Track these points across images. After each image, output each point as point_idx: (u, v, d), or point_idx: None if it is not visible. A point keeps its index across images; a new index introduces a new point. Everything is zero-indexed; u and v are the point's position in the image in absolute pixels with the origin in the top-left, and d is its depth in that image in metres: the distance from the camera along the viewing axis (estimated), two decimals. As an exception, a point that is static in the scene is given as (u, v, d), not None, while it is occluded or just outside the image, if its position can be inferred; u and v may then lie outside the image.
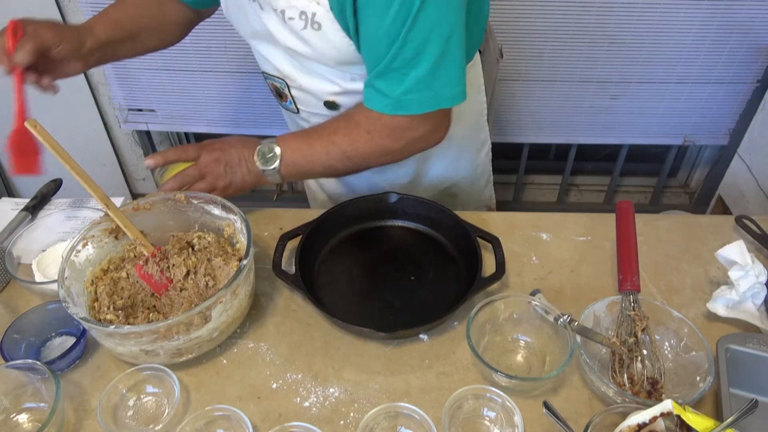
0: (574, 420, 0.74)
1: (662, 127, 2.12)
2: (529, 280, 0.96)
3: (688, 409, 0.65)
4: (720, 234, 1.04)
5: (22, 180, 2.39)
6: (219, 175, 0.95)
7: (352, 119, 0.93)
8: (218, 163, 0.94)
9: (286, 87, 1.02)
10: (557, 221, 1.07)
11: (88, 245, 0.87)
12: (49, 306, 0.85)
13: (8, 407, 0.77)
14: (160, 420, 0.75)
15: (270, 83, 1.06)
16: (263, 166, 0.94)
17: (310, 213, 1.03)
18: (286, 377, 0.81)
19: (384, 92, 0.86)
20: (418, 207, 1.02)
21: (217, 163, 0.94)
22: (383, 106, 0.88)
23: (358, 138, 0.92)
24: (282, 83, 1.02)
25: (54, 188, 1.13)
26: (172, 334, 0.76)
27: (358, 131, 0.92)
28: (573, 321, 0.79)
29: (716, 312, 0.87)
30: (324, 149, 0.94)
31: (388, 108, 0.87)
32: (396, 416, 0.74)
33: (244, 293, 0.83)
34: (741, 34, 1.87)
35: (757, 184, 1.92)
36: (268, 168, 0.94)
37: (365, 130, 0.91)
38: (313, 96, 1.00)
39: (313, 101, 1.01)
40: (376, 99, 0.88)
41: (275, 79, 1.02)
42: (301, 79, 0.98)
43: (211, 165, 0.94)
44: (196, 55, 1.98)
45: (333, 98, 0.99)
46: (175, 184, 0.93)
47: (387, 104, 0.87)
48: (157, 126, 2.20)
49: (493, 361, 0.80)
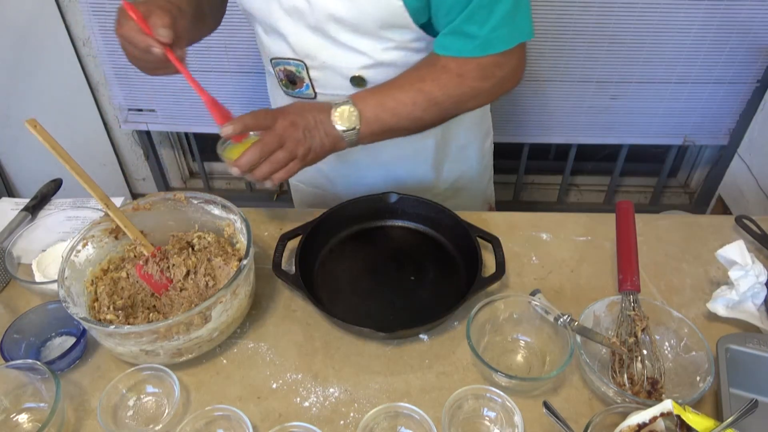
0: (574, 420, 0.74)
1: (662, 127, 2.12)
2: (529, 280, 0.96)
3: (688, 409, 0.65)
4: (720, 234, 1.04)
5: (22, 180, 2.39)
6: (299, 140, 0.85)
7: (437, 64, 0.91)
8: (296, 128, 0.85)
9: (304, 69, 0.98)
10: (557, 221, 1.07)
11: (88, 245, 0.87)
12: (49, 306, 0.86)
13: (8, 407, 0.77)
14: (160, 420, 0.75)
15: (281, 69, 1.01)
16: (343, 126, 0.88)
17: (310, 213, 1.03)
18: (286, 377, 0.81)
19: (471, 34, 0.85)
20: (418, 207, 1.02)
21: (295, 128, 0.85)
22: (472, 49, 0.87)
23: (449, 82, 0.90)
24: (299, 65, 0.97)
25: (54, 188, 1.13)
26: (172, 334, 0.76)
27: (447, 75, 0.90)
28: (573, 321, 0.79)
29: (716, 312, 0.87)
30: (410, 99, 0.90)
31: (477, 50, 0.87)
32: (396, 416, 0.74)
33: (244, 293, 0.83)
34: (741, 34, 1.86)
35: (757, 184, 1.92)
36: (349, 128, 0.88)
37: (455, 73, 0.90)
38: (338, 73, 0.97)
39: (337, 80, 0.98)
40: (461, 44, 0.87)
41: (290, 62, 0.98)
42: (326, 54, 0.94)
43: (290, 130, 0.85)
44: (196, 55, 1.98)
45: (361, 72, 0.96)
46: (255, 155, 0.82)
47: (476, 46, 0.87)
48: (157, 126, 2.20)
49: (493, 361, 0.80)
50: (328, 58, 0.95)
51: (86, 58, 2.04)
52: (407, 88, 0.91)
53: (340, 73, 0.97)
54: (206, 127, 2.19)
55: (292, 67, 0.99)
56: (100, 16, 1.90)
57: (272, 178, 0.85)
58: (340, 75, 0.97)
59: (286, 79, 1.03)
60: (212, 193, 0.94)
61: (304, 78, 1.00)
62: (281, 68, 1.01)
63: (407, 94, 0.90)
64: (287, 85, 1.04)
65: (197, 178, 2.57)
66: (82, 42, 2.01)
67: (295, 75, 1.00)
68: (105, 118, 2.21)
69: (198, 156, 2.40)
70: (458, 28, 0.86)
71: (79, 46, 2.02)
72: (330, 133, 0.88)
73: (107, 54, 2.00)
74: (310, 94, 1.02)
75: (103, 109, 2.19)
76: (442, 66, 0.90)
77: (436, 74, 0.90)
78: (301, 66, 0.98)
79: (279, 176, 0.85)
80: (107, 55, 2.00)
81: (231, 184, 2.57)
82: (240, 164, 0.82)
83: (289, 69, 1.00)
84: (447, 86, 0.90)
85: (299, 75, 1.00)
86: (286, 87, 1.05)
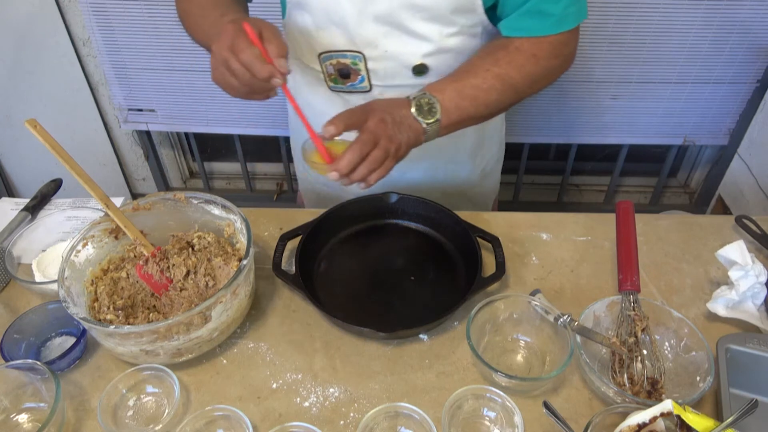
0: (574, 420, 0.74)
1: (662, 127, 2.12)
2: (529, 280, 0.96)
3: (688, 409, 0.65)
4: (720, 234, 1.04)
5: (22, 180, 2.39)
6: (391, 137, 0.83)
7: (509, 47, 0.92)
8: (386, 124, 0.83)
9: (361, 60, 0.95)
10: (557, 221, 1.07)
11: (88, 245, 0.87)
12: (49, 306, 0.86)
13: (8, 407, 0.77)
14: (160, 420, 0.75)
15: (332, 63, 0.98)
16: (425, 119, 0.86)
17: (310, 213, 1.03)
18: (286, 377, 0.81)
19: (547, 12, 0.88)
20: (418, 207, 1.02)
21: (385, 125, 0.82)
22: (546, 27, 0.89)
23: (525, 63, 0.91)
24: (356, 57, 0.95)
25: (54, 188, 1.13)
26: (172, 334, 0.76)
27: (522, 56, 0.91)
28: (573, 321, 0.79)
29: (716, 312, 0.87)
30: (487, 84, 0.89)
31: (551, 27, 0.89)
32: (396, 416, 0.74)
33: (244, 293, 0.83)
34: (741, 34, 1.87)
35: (757, 184, 1.92)
36: (431, 121, 0.86)
37: (530, 53, 0.91)
38: (399, 62, 0.95)
39: (399, 69, 0.96)
40: (536, 23, 0.89)
41: (345, 54, 0.95)
42: (390, 43, 0.93)
43: (381, 127, 0.82)
44: (196, 55, 1.98)
45: (425, 60, 0.95)
46: (355, 155, 0.79)
47: (550, 24, 0.89)
48: (157, 126, 2.20)
49: (493, 361, 0.80)
50: (392, 46, 0.93)
51: (86, 58, 2.05)
52: (482, 73, 0.90)
53: (403, 62, 0.95)
54: (206, 127, 2.19)
55: (347, 59, 0.96)
56: (100, 16, 1.90)
57: (368, 179, 0.81)
58: (401, 64, 0.96)
59: (336, 74, 1.00)
60: (212, 193, 0.94)
61: (359, 70, 0.97)
62: (333, 62, 0.98)
63: (484, 80, 0.90)
64: (336, 80, 1.01)
65: (197, 178, 2.57)
66: (82, 42, 2.01)
67: (350, 68, 0.98)
68: (105, 118, 2.22)
69: (198, 156, 2.40)
70: (535, 6, 0.88)
71: (79, 46, 2.02)
72: (413, 127, 0.86)
73: (107, 54, 2.00)
74: (364, 87, 1.00)
75: (103, 109, 2.19)
76: (515, 48, 0.91)
77: (510, 56, 0.91)
78: (359, 57, 0.95)
79: (375, 176, 0.82)
80: (107, 55, 2.00)
81: (231, 184, 2.57)
82: (341, 167, 0.78)
83: (343, 62, 0.97)
84: (523, 67, 0.91)
85: (354, 67, 0.97)
86: (335, 82, 1.01)
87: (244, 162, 2.41)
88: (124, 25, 1.92)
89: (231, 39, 0.76)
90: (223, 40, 0.76)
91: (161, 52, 1.99)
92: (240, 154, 2.37)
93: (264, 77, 0.75)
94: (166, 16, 1.89)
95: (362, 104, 0.85)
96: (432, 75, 0.97)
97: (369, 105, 0.85)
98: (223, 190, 2.55)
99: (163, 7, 1.87)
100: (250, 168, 2.50)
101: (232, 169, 2.55)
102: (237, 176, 2.55)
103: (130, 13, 1.89)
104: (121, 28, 1.93)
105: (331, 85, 1.02)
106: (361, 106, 0.84)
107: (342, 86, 1.01)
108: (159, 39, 1.95)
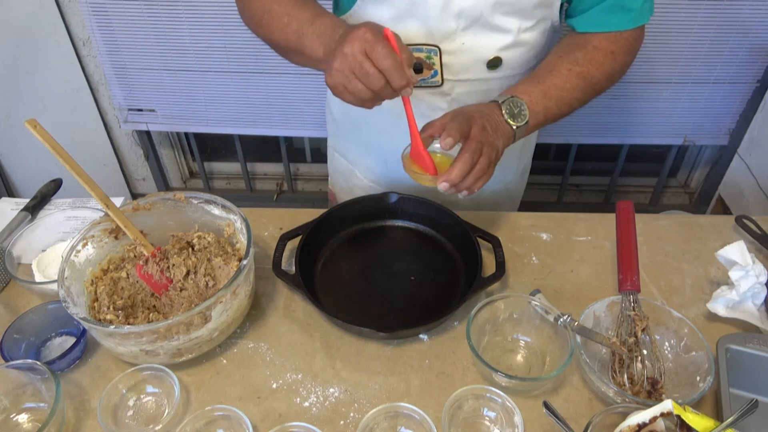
0: (574, 420, 0.74)
1: (662, 127, 2.12)
2: (529, 280, 0.96)
3: (688, 409, 0.65)
4: (720, 234, 1.04)
5: (22, 180, 2.39)
6: (492, 144, 0.83)
7: (586, 46, 0.93)
8: (487, 132, 0.83)
9: (437, 54, 0.94)
10: (557, 221, 1.07)
11: (88, 245, 0.87)
12: (49, 306, 0.85)
13: (8, 407, 0.77)
14: (160, 420, 0.75)
15: None
16: (515, 123, 0.87)
17: (310, 213, 1.03)
18: (286, 377, 0.81)
19: (629, 7, 0.89)
20: (418, 207, 1.02)
21: (486, 132, 0.83)
22: (627, 21, 0.91)
23: (604, 60, 0.93)
24: (432, 50, 0.94)
25: (54, 188, 1.13)
26: (172, 334, 0.76)
27: (600, 54, 0.93)
28: (573, 321, 0.79)
29: (716, 312, 0.87)
30: (571, 84, 0.91)
31: (631, 22, 0.91)
32: (396, 416, 0.74)
33: (244, 293, 0.83)
34: (741, 34, 1.86)
35: (757, 184, 1.92)
36: (521, 124, 0.87)
37: (608, 50, 0.93)
38: (475, 56, 0.95)
39: (473, 63, 0.96)
40: (617, 18, 0.91)
41: (422, 48, 0.94)
42: (468, 37, 0.92)
43: (484, 135, 0.82)
44: (196, 55, 1.98)
45: (500, 54, 0.95)
46: (466, 166, 0.79)
47: (630, 18, 0.91)
48: (157, 126, 2.20)
49: (493, 361, 0.80)
50: (469, 39, 0.93)
51: (86, 58, 2.05)
52: (565, 73, 0.91)
53: (479, 55, 0.95)
54: (206, 127, 2.19)
55: (422, 53, 0.95)
56: (100, 16, 1.90)
57: (473, 187, 0.81)
58: (476, 58, 0.95)
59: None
60: (212, 193, 0.94)
61: (434, 64, 0.96)
62: None
63: (567, 79, 0.91)
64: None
65: (197, 178, 2.57)
66: (82, 42, 2.01)
67: (423, 62, 0.96)
68: (105, 118, 2.21)
69: (198, 156, 2.40)
70: (617, 2, 0.89)
71: (79, 46, 2.02)
72: (506, 132, 0.87)
73: (107, 54, 2.00)
74: (436, 81, 0.98)
75: (103, 109, 2.19)
76: (594, 46, 0.93)
77: (589, 55, 0.93)
78: (434, 51, 0.94)
79: (481, 183, 0.82)
80: (107, 55, 2.00)
81: (231, 184, 2.57)
82: (453, 178, 0.79)
83: (417, 56, 0.95)
84: (603, 65, 0.93)
85: (429, 61, 0.96)
86: None
87: (244, 162, 2.41)
88: (124, 25, 1.92)
89: (370, 44, 0.74)
90: (357, 44, 0.74)
91: (161, 52, 1.99)
92: (240, 154, 2.37)
93: (401, 86, 0.75)
94: (166, 16, 1.89)
95: (457, 111, 0.85)
96: (505, 68, 0.97)
97: (466, 112, 0.85)
98: (223, 190, 2.55)
99: (163, 7, 1.87)
100: (250, 168, 2.50)
101: (232, 169, 2.55)
102: (237, 176, 2.55)
103: (130, 13, 1.89)
104: (121, 28, 1.93)
105: None
106: (459, 114, 0.84)
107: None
108: (159, 39, 1.95)
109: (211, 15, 1.87)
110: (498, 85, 1.00)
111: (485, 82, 0.98)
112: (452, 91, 1.00)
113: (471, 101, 1.00)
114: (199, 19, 1.89)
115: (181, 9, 1.87)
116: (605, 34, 0.93)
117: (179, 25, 1.91)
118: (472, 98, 1.00)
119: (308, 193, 2.53)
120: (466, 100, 1.00)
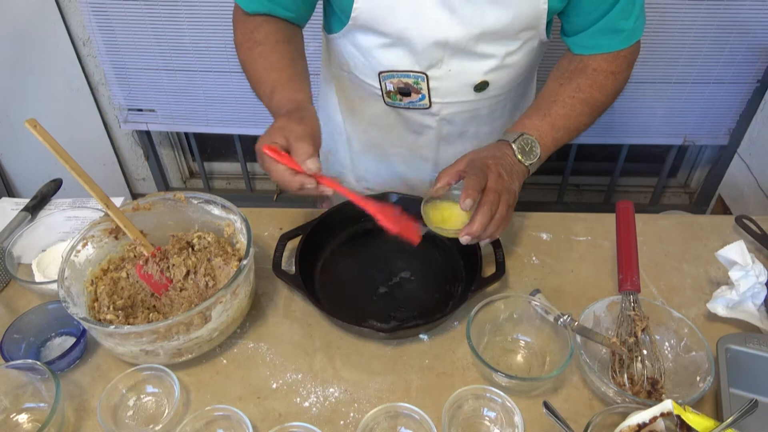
0: (574, 420, 0.74)
1: (662, 127, 2.12)
2: (529, 280, 0.96)
3: (688, 409, 0.65)
4: (720, 234, 1.04)
5: (22, 180, 2.39)
6: (509, 190, 0.85)
7: (586, 70, 0.95)
8: (503, 179, 0.85)
9: (424, 80, 0.96)
10: (557, 221, 1.07)
11: (88, 245, 0.87)
12: (49, 306, 0.86)
13: (8, 407, 0.77)
14: (160, 420, 0.75)
15: (393, 82, 0.98)
16: (527, 160, 0.89)
17: (310, 213, 1.03)
18: (286, 377, 0.81)
19: (620, 28, 0.91)
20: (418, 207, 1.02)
21: (502, 179, 0.85)
22: (620, 42, 0.92)
23: (606, 82, 0.94)
24: (419, 77, 0.96)
25: (54, 188, 1.13)
26: (172, 334, 0.76)
27: (601, 76, 0.94)
28: (573, 321, 0.79)
29: (716, 312, 0.87)
30: (576, 111, 0.93)
31: (625, 41, 0.93)
32: (396, 416, 0.74)
33: (244, 293, 0.83)
34: (741, 34, 1.86)
35: (757, 184, 1.92)
36: (533, 161, 0.90)
37: (608, 71, 0.94)
38: (462, 81, 0.96)
39: (461, 87, 0.97)
40: (610, 40, 0.92)
41: (409, 74, 0.96)
42: (455, 64, 0.93)
43: (501, 183, 0.84)
44: (196, 55, 1.98)
45: (487, 77, 0.96)
46: (486, 218, 0.80)
47: (623, 38, 0.92)
48: (157, 126, 2.20)
49: (493, 361, 0.80)
50: (456, 66, 0.94)
51: (86, 58, 2.05)
52: (569, 101, 0.93)
53: (466, 80, 0.97)
54: (206, 127, 2.19)
55: (409, 79, 0.97)
56: (100, 16, 1.90)
57: (495, 234, 0.83)
58: (464, 82, 0.97)
59: (396, 91, 1.00)
60: (212, 193, 0.94)
61: (421, 89, 0.98)
62: (393, 81, 0.98)
63: (572, 108, 0.93)
64: (394, 97, 1.01)
65: (197, 178, 2.57)
66: (82, 42, 2.01)
67: (411, 87, 0.98)
68: (105, 118, 2.22)
69: (198, 156, 2.40)
70: (610, 24, 0.90)
71: (79, 46, 2.02)
72: (520, 171, 0.89)
73: (107, 54, 2.00)
74: (424, 104, 1.01)
75: (103, 109, 2.19)
76: (593, 69, 0.94)
77: (590, 79, 0.94)
78: (422, 77, 0.96)
79: (501, 230, 0.84)
80: (107, 55, 2.00)
81: (231, 184, 2.57)
82: (474, 231, 0.80)
83: (405, 81, 0.98)
84: (606, 87, 0.94)
85: (416, 86, 0.98)
86: (393, 99, 1.02)
87: (244, 162, 2.41)
88: (124, 25, 1.92)
89: (262, 161, 0.78)
90: (259, 161, 0.78)
91: (161, 52, 1.99)
92: (240, 154, 2.37)
93: (295, 189, 0.77)
94: (166, 16, 1.89)
95: (471, 159, 0.87)
96: (492, 89, 0.99)
97: (481, 160, 0.86)
98: (223, 190, 2.55)
99: (163, 7, 1.87)
100: (250, 168, 2.50)
101: (232, 169, 2.55)
102: (237, 176, 2.55)
103: (130, 13, 1.89)
104: (121, 28, 1.93)
105: (388, 101, 1.03)
106: (473, 163, 0.85)
107: (400, 103, 1.03)
108: (159, 39, 1.95)
109: (211, 15, 1.87)
110: (486, 105, 1.02)
111: (473, 103, 1.00)
112: (440, 112, 1.02)
113: (459, 120, 1.04)
114: (199, 19, 1.89)
115: (181, 9, 1.87)
116: (603, 55, 0.94)
117: (179, 25, 1.91)
118: (461, 117, 1.03)
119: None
120: (455, 119, 1.03)
